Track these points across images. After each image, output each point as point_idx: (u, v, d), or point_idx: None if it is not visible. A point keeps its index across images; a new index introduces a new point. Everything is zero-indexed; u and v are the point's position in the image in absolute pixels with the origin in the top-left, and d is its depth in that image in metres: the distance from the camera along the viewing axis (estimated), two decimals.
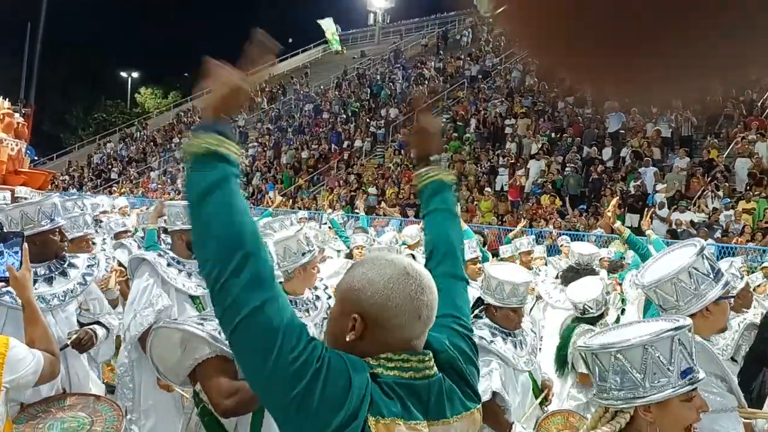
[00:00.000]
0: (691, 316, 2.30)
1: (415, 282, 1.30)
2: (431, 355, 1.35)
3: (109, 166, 30.85)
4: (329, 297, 3.64)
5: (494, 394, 3.19)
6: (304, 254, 3.26)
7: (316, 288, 3.58)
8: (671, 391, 1.66)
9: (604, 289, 4.23)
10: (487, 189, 16.23)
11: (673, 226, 12.33)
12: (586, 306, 4.13)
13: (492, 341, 3.36)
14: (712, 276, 2.32)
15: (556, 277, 5.92)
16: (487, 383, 3.19)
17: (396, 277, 1.30)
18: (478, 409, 1.41)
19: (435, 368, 1.34)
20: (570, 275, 5.13)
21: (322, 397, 1.17)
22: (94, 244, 5.09)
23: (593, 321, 4.10)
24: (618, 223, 4.57)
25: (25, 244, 2.48)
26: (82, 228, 4.78)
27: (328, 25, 36.48)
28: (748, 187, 12.91)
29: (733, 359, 3.79)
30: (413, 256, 6.05)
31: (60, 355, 2.39)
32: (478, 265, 4.80)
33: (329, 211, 8.71)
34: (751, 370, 3.37)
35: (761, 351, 3.43)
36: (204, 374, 2.35)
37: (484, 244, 7.53)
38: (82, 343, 3.12)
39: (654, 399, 1.66)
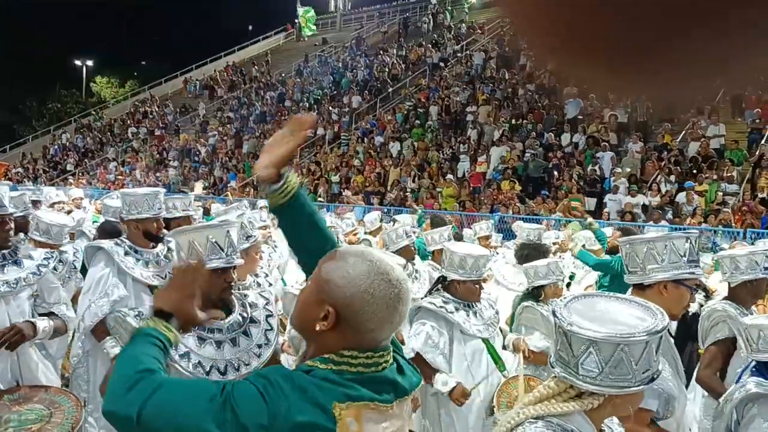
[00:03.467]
0: (648, 287, 2.36)
1: (395, 290, 1.33)
2: (391, 349, 1.40)
3: (65, 158, 30.05)
4: (270, 285, 3.68)
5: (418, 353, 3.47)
6: (247, 238, 3.29)
7: (257, 275, 3.61)
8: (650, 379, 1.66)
9: (556, 263, 4.41)
10: (449, 176, 16.36)
11: (624, 207, 12.70)
12: (537, 271, 4.31)
13: (441, 307, 3.57)
14: (686, 259, 2.34)
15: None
16: (412, 344, 3.48)
17: (377, 282, 1.32)
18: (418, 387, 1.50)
19: (391, 359, 1.40)
20: (525, 252, 5.31)
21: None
22: None
23: (536, 297, 4.31)
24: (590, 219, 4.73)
25: None
26: (53, 239, 4.60)
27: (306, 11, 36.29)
28: (699, 170, 13.31)
29: None
30: (369, 243, 6.12)
31: None
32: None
33: None
34: (678, 344, 3.52)
35: (688, 326, 3.58)
36: None
37: None
38: (6, 339, 2.97)
39: (639, 389, 1.64)
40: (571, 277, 6.15)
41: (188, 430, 1.22)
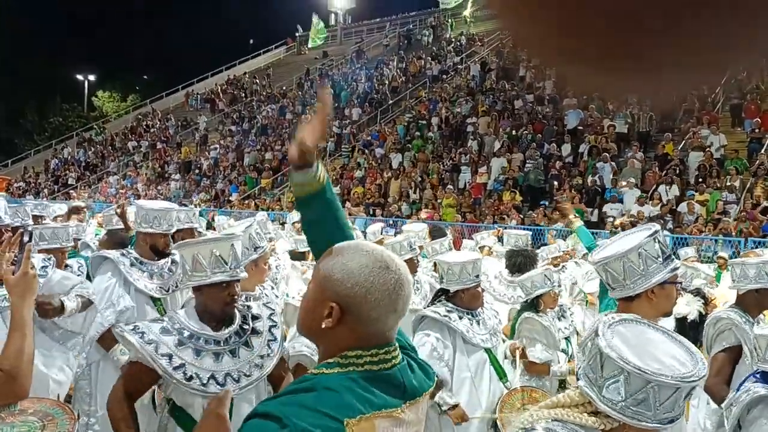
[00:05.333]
0: (636, 296, 2.36)
1: (394, 276, 1.34)
2: (396, 345, 1.40)
3: (67, 172, 30.12)
4: (277, 297, 3.67)
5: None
6: (256, 249, 3.30)
7: (263, 286, 3.61)
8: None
9: (549, 271, 4.44)
10: (450, 186, 16.39)
11: (636, 216, 12.68)
12: (534, 281, 4.34)
13: (446, 315, 3.58)
14: (661, 259, 2.35)
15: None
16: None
17: (377, 271, 1.33)
18: (432, 385, 1.51)
19: (399, 355, 1.40)
20: (517, 260, 5.35)
21: None
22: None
23: (536, 308, 4.35)
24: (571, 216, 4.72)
25: (30, 243, 2.25)
26: (61, 240, 4.56)
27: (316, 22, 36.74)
28: (699, 180, 13.34)
29: None
30: None
31: (26, 378, 2.14)
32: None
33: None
34: None
35: (687, 333, 3.57)
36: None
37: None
38: (45, 308, 2.98)
39: (655, 428, 1.62)
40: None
41: None
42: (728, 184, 12.77)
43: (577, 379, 1.75)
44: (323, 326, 1.32)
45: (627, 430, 1.66)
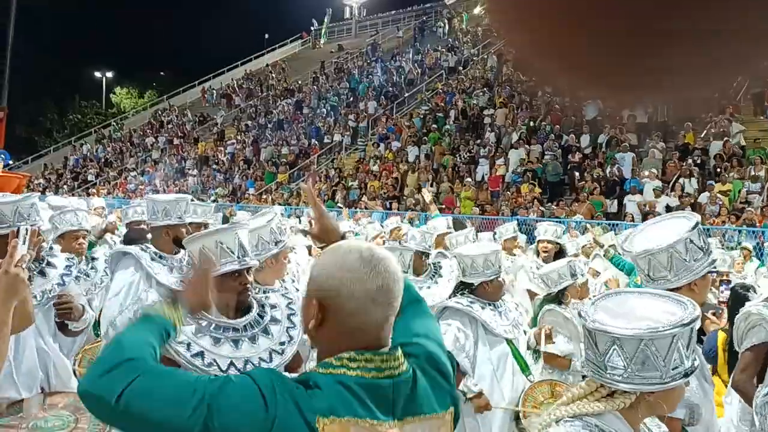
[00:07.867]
0: (677, 289, 2.28)
1: (369, 265, 1.32)
2: (399, 353, 1.36)
3: (86, 168, 30.42)
4: (297, 290, 3.67)
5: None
6: (276, 243, 3.28)
7: (283, 281, 3.60)
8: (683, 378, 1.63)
9: (570, 263, 4.39)
10: (468, 179, 16.29)
11: (647, 208, 12.53)
12: (549, 276, 4.31)
13: (468, 306, 3.60)
14: (703, 252, 2.32)
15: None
16: None
17: (350, 262, 1.33)
18: (450, 412, 1.44)
19: (404, 367, 1.35)
20: None
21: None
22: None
23: (559, 300, 4.29)
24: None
25: (16, 240, 2.07)
26: (73, 223, 4.54)
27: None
28: (720, 170, 13.12)
29: None
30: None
31: None
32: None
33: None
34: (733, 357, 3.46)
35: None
36: None
37: None
38: (62, 306, 3.04)
39: (671, 386, 1.61)
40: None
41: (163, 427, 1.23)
42: (752, 173, 12.54)
43: (583, 368, 1.76)
44: (310, 327, 1.35)
45: (646, 400, 1.65)
